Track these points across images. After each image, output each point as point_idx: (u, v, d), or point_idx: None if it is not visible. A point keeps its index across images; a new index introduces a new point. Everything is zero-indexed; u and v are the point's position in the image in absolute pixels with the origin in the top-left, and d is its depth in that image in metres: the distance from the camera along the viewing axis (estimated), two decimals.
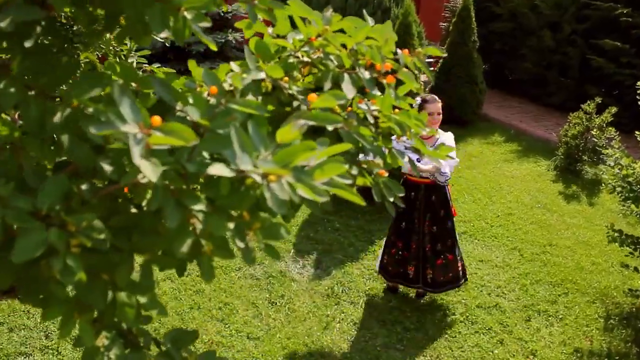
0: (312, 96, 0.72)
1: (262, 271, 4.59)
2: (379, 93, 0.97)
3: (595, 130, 6.11)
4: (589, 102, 6.71)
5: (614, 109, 6.34)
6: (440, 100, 3.81)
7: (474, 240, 5.22)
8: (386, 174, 0.87)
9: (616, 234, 3.88)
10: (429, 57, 9.39)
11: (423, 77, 10.59)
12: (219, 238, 0.64)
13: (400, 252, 4.09)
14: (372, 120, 0.87)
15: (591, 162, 6.90)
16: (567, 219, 5.77)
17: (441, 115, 3.79)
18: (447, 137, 3.84)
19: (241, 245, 0.64)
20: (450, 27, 8.63)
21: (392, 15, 7.32)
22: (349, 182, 0.63)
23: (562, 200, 6.24)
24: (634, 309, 4.26)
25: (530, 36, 9.85)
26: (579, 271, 4.74)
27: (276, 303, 4.19)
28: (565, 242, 5.25)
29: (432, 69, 10.31)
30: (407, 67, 0.88)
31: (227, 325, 3.93)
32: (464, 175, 6.84)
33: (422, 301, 4.26)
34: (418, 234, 3.99)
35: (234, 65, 0.79)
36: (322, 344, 3.78)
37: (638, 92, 4.21)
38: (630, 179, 3.76)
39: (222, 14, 7.46)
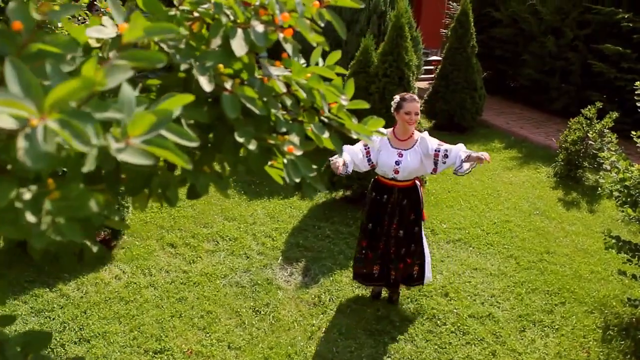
0: (122, 26, 0.59)
1: (248, 279, 4.45)
2: (303, 61, 0.84)
3: (592, 133, 5.94)
4: (589, 107, 6.56)
5: (615, 114, 6.18)
6: (419, 100, 3.66)
7: (469, 248, 5.06)
8: (297, 152, 0.74)
9: (613, 241, 3.71)
10: (428, 62, 9.30)
11: (421, 84, 10.47)
12: (5, 210, 0.51)
13: (364, 252, 3.96)
14: (283, 88, 0.74)
15: (592, 168, 6.73)
16: (566, 226, 5.60)
17: (418, 116, 3.62)
18: (426, 136, 3.68)
19: (32, 219, 0.50)
20: (449, 33, 8.53)
21: (388, 19, 7.20)
22: (193, 144, 0.50)
23: (562, 207, 6.06)
24: (633, 319, 4.08)
25: (531, 42, 9.73)
26: (577, 280, 4.57)
27: (260, 312, 4.04)
28: (564, 250, 5.07)
29: (432, 75, 10.20)
30: (309, 18, 0.75)
31: (208, 334, 3.79)
32: (460, 182, 6.69)
33: (410, 310, 4.09)
34: (386, 236, 3.86)
35: (105, 19, 0.67)
36: (306, 355, 3.62)
37: (636, 92, 4.07)
38: (627, 183, 3.60)
39: None
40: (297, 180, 0.71)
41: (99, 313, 3.97)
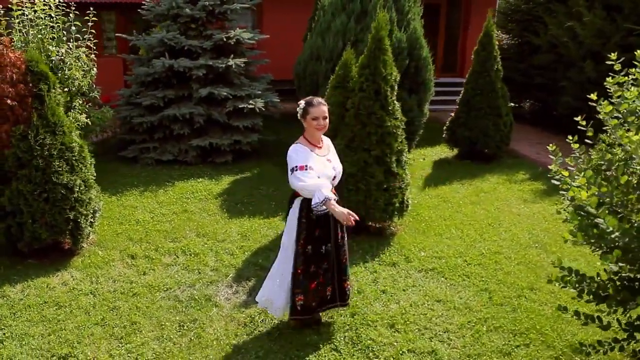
0: None
1: (188, 293, 4.26)
2: None
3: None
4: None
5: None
6: (326, 104, 3.40)
7: (441, 278, 4.54)
8: None
9: (564, 272, 3.14)
10: (447, 84, 8.79)
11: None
12: None
13: (315, 280, 3.61)
14: None
15: None
16: (565, 261, 4.89)
17: (327, 120, 3.37)
18: (329, 141, 3.58)
19: None
20: (472, 56, 8.08)
21: (394, 39, 6.92)
22: None
23: (568, 242, 5.34)
24: None
25: (570, 68, 8.99)
26: (554, 320, 3.92)
27: (185, 327, 3.81)
28: (551, 287, 4.42)
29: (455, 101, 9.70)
30: None
31: (121, 345, 3.61)
32: (462, 211, 6.15)
33: (344, 340, 3.68)
34: (337, 248, 3.60)
35: None
36: None
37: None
38: (583, 202, 3.05)
39: (226, 40, 7.47)
40: None
41: (28, 315, 3.93)
